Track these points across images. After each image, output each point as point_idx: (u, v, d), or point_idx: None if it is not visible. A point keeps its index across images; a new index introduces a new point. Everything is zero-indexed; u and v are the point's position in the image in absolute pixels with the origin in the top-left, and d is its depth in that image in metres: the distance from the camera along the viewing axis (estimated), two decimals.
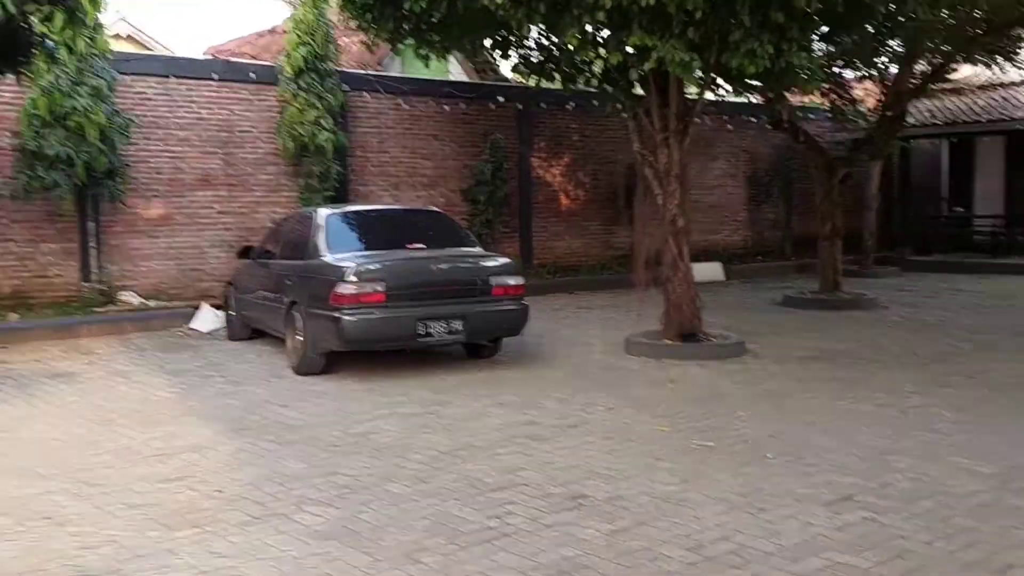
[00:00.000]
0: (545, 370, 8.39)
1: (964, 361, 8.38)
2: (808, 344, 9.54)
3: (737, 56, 7.27)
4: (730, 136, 18.32)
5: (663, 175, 8.82)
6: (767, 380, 7.72)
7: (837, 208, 12.70)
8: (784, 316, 11.86)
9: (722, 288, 15.26)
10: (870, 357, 8.69)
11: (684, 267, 8.96)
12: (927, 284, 15.53)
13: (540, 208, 15.90)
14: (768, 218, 18.98)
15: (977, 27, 12.45)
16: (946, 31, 11.74)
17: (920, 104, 16.30)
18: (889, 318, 11.43)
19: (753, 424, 6.19)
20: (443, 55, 10.02)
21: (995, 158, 19.39)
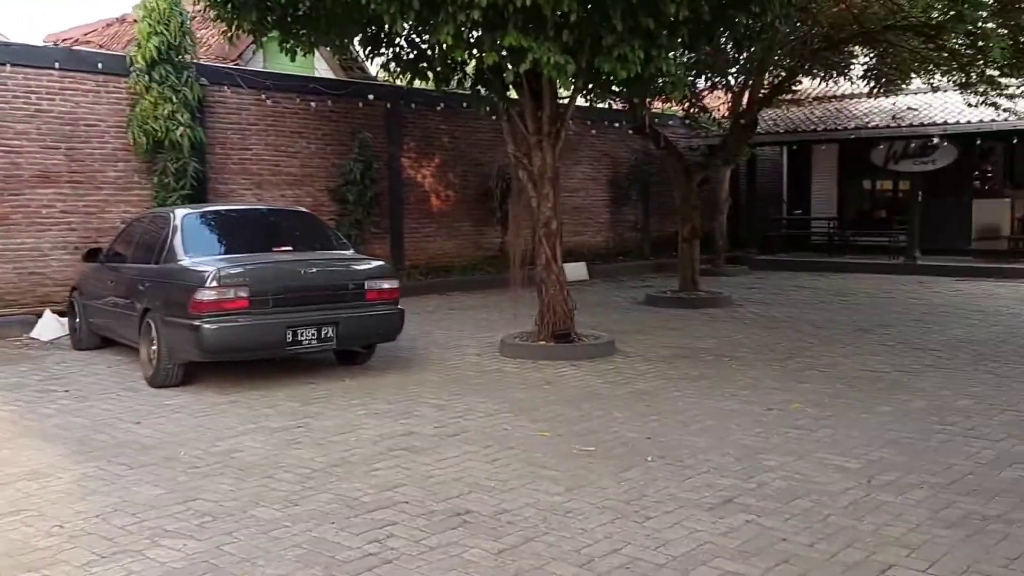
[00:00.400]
0: (420, 375, 8.27)
1: (815, 356, 8.84)
2: (673, 342, 9.83)
3: (609, 61, 7.37)
4: (593, 140, 18.71)
5: (537, 178, 8.86)
6: (638, 379, 7.88)
7: (695, 211, 13.16)
8: (648, 315, 12.18)
9: (587, 287, 15.55)
10: (731, 354, 9.03)
11: (557, 269, 9.05)
12: (773, 282, 16.36)
13: (411, 209, 15.74)
14: (628, 220, 19.50)
15: (819, 42, 13.21)
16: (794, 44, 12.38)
17: (765, 113, 17.11)
18: (744, 315, 11.94)
19: (630, 425, 6.30)
20: (310, 50, 9.69)
21: (829, 165, 20.69)
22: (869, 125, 17.20)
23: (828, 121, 18.28)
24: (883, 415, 6.40)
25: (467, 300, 14.01)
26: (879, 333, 10.16)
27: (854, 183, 20.74)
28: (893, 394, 7.05)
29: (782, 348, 9.37)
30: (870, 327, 10.65)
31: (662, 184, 20.11)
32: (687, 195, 12.97)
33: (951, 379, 7.57)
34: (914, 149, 16.94)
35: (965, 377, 7.63)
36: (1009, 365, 8.09)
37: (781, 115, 19.39)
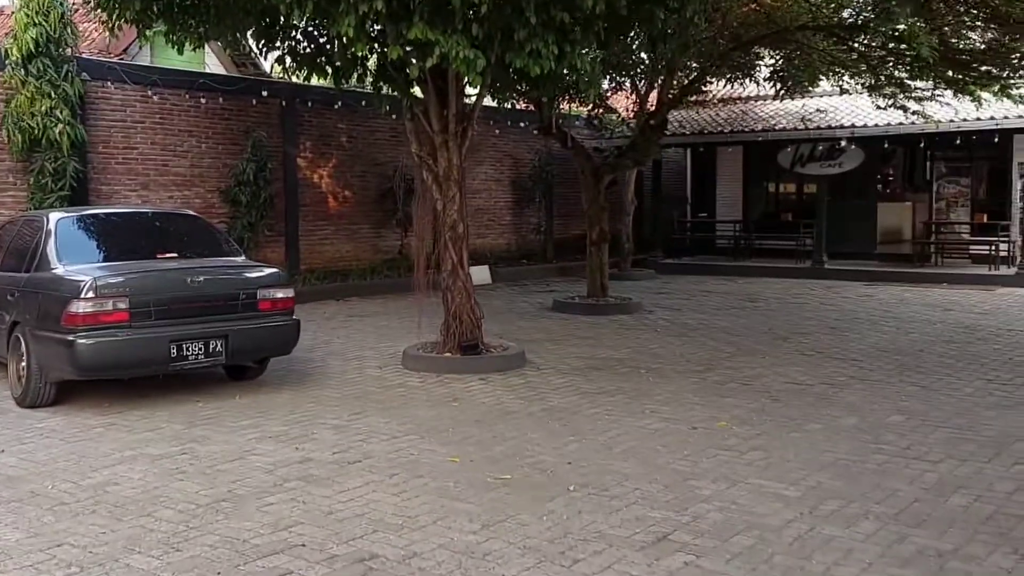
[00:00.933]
0: (318, 391, 7.60)
1: (733, 366, 8.54)
2: (585, 352, 9.42)
3: (521, 56, 6.88)
4: (495, 141, 18.24)
5: (442, 179, 8.30)
6: (552, 394, 7.41)
7: (604, 213, 12.83)
8: (556, 322, 11.76)
9: (491, 292, 15.04)
10: (647, 365, 8.66)
11: (464, 275, 8.51)
12: (681, 286, 16.21)
13: (307, 211, 14.96)
14: (531, 222, 19.11)
15: (729, 42, 13.07)
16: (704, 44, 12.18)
17: (670, 115, 16.94)
18: (656, 322, 11.64)
19: (548, 448, 5.81)
20: (199, 43, 8.89)
21: (734, 167, 20.75)
22: (776, 127, 17.26)
23: (735, 123, 18.28)
24: (814, 434, 6.08)
25: (366, 306, 13.33)
26: (796, 341, 9.98)
27: (759, 186, 20.89)
28: (821, 409, 6.77)
29: (699, 358, 9.05)
30: (786, 335, 10.47)
31: (565, 186, 19.85)
32: (595, 197, 12.62)
33: (878, 392, 7.34)
34: (821, 152, 17.07)
35: (892, 390, 7.42)
36: (933, 376, 7.93)
37: (687, 116, 19.32)
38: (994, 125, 14.84)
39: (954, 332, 10.45)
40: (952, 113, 14.39)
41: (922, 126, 15.13)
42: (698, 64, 13.31)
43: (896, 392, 7.34)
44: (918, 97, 13.88)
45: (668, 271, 18.56)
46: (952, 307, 12.72)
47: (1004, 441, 5.81)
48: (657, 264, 18.96)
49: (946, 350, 9.28)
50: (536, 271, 18.10)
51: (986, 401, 6.97)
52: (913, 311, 12.38)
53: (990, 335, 10.22)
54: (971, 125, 15.02)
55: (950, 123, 14.87)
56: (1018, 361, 8.62)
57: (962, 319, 11.50)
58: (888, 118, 15.76)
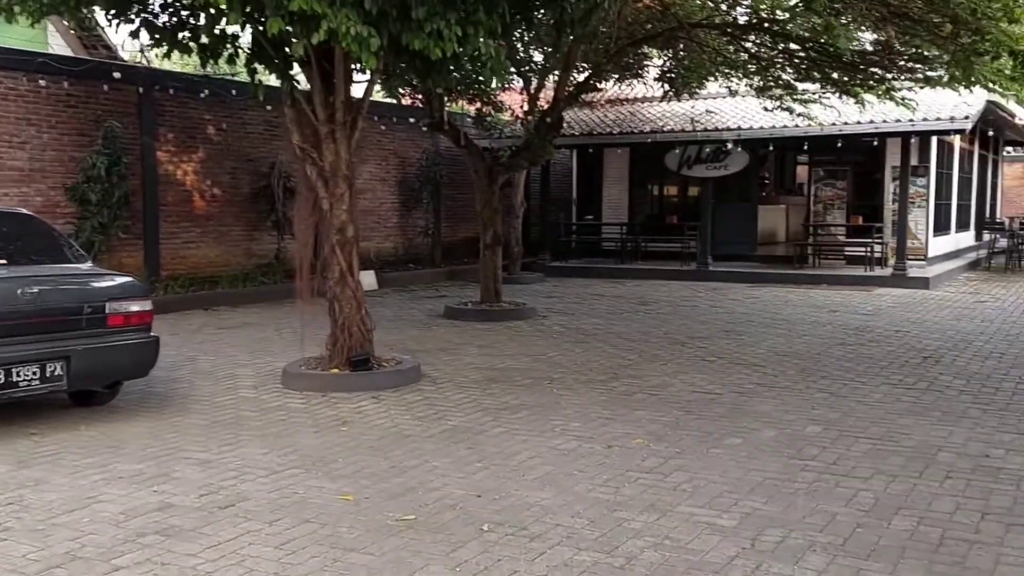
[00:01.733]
0: (181, 418, 6.67)
1: (637, 375, 8.09)
2: (483, 362, 8.79)
3: (421, 37, 6.18)
4: (380, 138, 17.41)
5: (329, 175, 7.49)
6: (453, 412, 6.74)
7: (498, 215, 12.25)
8: (450, 330, 11.08)
9: (378, 298, 14.22)
10: (549, 375, 8.10)
11: (354, 283, 7.72)
12: (571, 290, 15.82)
13: (170, 211, 13.69)
14: (419, 224, 18.36)
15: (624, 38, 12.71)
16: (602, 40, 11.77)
17: None
18: (551, 328, 11.13)
19: (454, 478, 5.14)
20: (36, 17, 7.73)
21: (620, 169, 20.56)
22: (664, 129, 17.09)
23: (623, 124, 18.04)
24: (736, 450, 5.64)
25: (239, 316, 12.29)
26: (696, 347, 9.63)
27: (645, 188, 20.79)
28: (736, 421, 6.35)
29: (602, 366, 8.56)
30: (684, 339, 10.13)
31: (454, 187, 19.22)
32: (489, 199, 12.02)
33: (788, 401, 7.00)
34: (708, 154, 17.01)
35: (801, 398, 7.09)
36: (838, 382, 7.67)
37: (575, 117, 18.95)
38: (873, 129, 15.07)
39: (845, 334, 10.35)
40: (835, 116, 14.48)
41: (806, 129, 15.23)
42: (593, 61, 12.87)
43: (806, 400, 7.01)
44: (804, 100, 13.91)
45: (556, 274, 18.18)
46: (837, 308, 12.74)
47: (927, 452, 5.52)
48: (545, 267, 18.55)
49: (843, 353, 9.12)
50: (424, 276, 17.37)
51: (896, 408, 6.72)
52: (801, 313, 12.31)
53: (880, 337, 10.15)
54: (852, 128, 15.20)
55: (832, 126, 14.97)
56: (913, 364, 8.49)
57: (849, 321, 11.47)
58: (773, 120, 15.81)
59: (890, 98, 12.66)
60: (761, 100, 14.52)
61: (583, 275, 18.08)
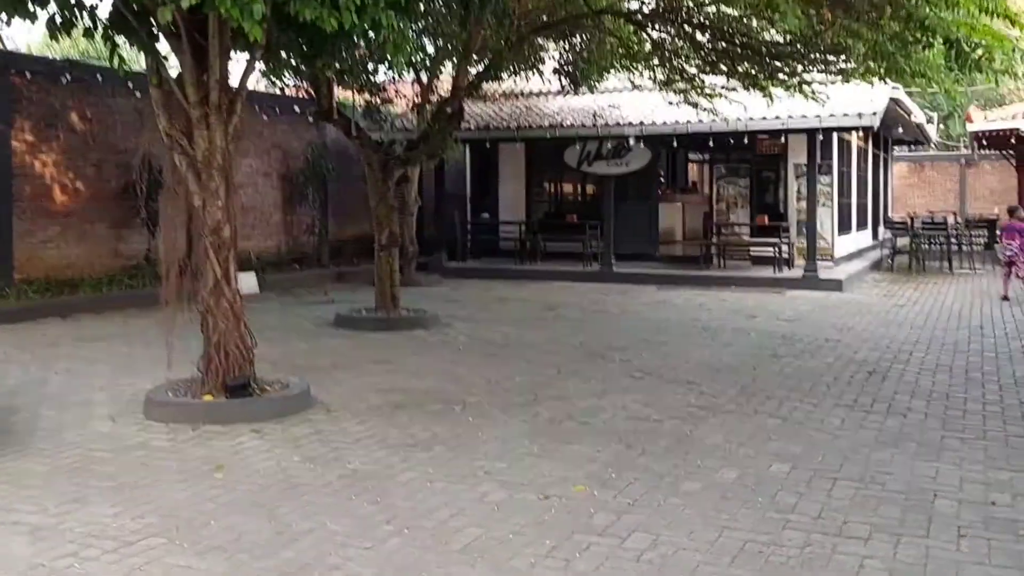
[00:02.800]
0: (15, 463, 5.38)
1: (561, 395, 7.20)
2: (384, 382, 7.72)
3: (312, 5, 5.08)
4: (261, 129, 16.01)
5: (202, 166, 6.28)
6: (352, 450, 5.68)
7: (394, 213, 11.18)
8: (343, 342, 9.93)
9: (259, 304, 12.89)
10: (461, 398, 7.11)
11: (231, 293, 6.53)
12: (471, 293, 14.86)
13: (25, 206, 12.17)
14: (304, 222, 17.02)
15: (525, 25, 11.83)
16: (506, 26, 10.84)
17: None
18: (457, 339, 10.13)
19: (357, 549, 4.10)
20: None
21: (517, 165, 19.68)
22: (564, 124, 16.28)
23: (520, 119, 17.14)
24: (697, 498, 4.78)
25: (102, 326, 10.79)
26: (617, 360, 8.81)
27: (544, 185, 20.00)
28: (687, 458, 5.51)
29: (519, 386, 7.62)
30: (603, 350, 9.30)
31: (342, 182, 17.97)
32: (385, 195, 10.92)
33: (739, 429, 6.21)
34: (609, 150, 16.31)
35: (752, 425, 6.32)
36: (786, 404, 6.94)
37: (468, 111, 17.76)
38: (780, 125, 14.66)
39: (774, 344, 9.75)
40: (741, 111, 13.98)
41: (710, 124, 14.68)
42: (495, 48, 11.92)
43: (758, 428, 6.25)
44: (709, 94, 13.35)
45: (453, 275, 17.17)
46: (755, 313, 12.21)
47: (922, 498, 4.76)
48: (442, 268, 17.52)
49: (780, 368, 8.47)
50: (311, 278, 16.04)
51: (863, 438, 6.00)
52: (719, 319, 11.70)
53: (812, 347, 9.59)
54: (759, 124, 14.75)
55: (738, 121, 14.46)
56: (860, 380, 7.89)
57: (772, 328, 10.92)
58: (676, 116, 15.25)
59: (801, 92, 12.20)
60: (665, 94, 13.87)
61: (482, 276, 17.13)
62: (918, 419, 6.47)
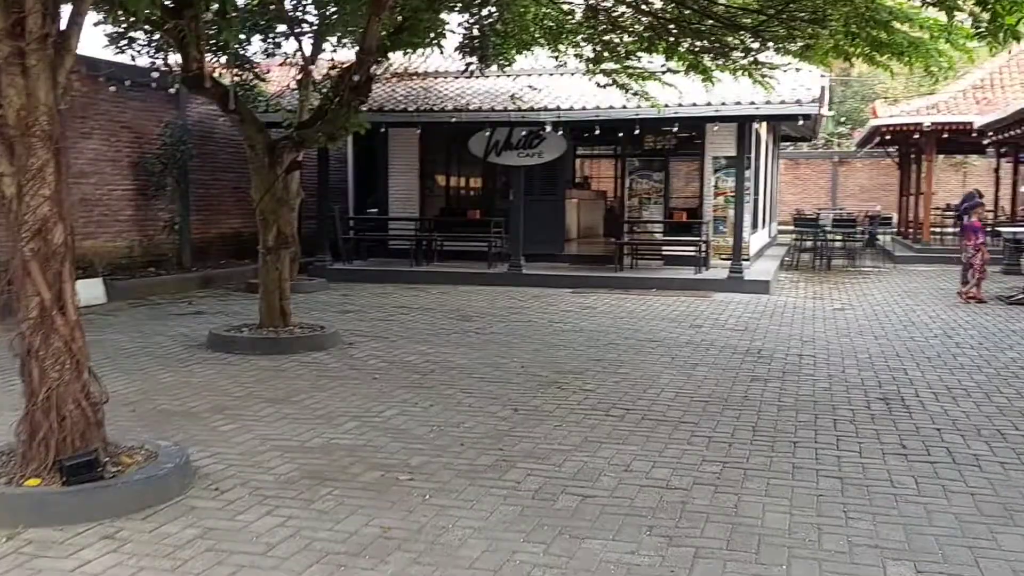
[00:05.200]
0: None
1: (535, 452, 5.44)
2: (288, 435, 5.72)
3: None
4: (109, 106, 13.40)
5: (15, 133, 4.11)
6: (258, 566, 3.71)
7: (284, 207, 9.06)
8: (222, 371, 7.78)
9: (107, 318, 10.53)
10: (400, 458, 5.23)
11: (68, 327, 4.37)
12: (366, 299, 12.87)
13: None
14: (161, 218, 14.48)
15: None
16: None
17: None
18: (367, 362, 8.17)
19: None
20: None
21: (409, 155, 17.66)
22: (470, 107, 14.43)
23: (417, 101, 15.18)
24: None
25: None
26: (577, 388, 7.08)
27: (441, 177, 18.08)
28: (760, 555, 3.83)
29: (473, 436, 5.77)
30: (553, 376, 7.57)
31: (207, 171, 15.57)
32: (272, 185, 8.79)
33: (796, 501, 4.58)
34: (521, 139, 14.58)
35: (807, 493, 4.69)
36: (821, 452, 5.40)
37: None
38: (713, 112, 13.31)
39: (744, 363, 8.28)
40: (674, 96, 12.55)
41: (636, 110, 13.20)
42: None
43: (818, 497, 4.65)
44: (641, 74, 11.82)
45: (341, 279, 15.07)
46: (698, 322, 10.78)
47: None
48: (326, 271, 15.37)
49: (773, 395, 6.96)
50: (170, 283, 13.58)
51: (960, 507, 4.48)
52: (661, 329, 10.19)
53: (788, 366, 8.18)
54: (693, 111, 13.35)
55: (666, 108, 12.98)
56: (877, 411, 6.47)
57: (727, 341, 9.48)
58: (598, 101, 13.71)
59: (750, 75, 10.86)
60: (590, 77, 12.25)
61: (374, 280, 15.12)
62: (997, 471, 5.03)
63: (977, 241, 12.72)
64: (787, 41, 9.80)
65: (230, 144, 16.02)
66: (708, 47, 10.56)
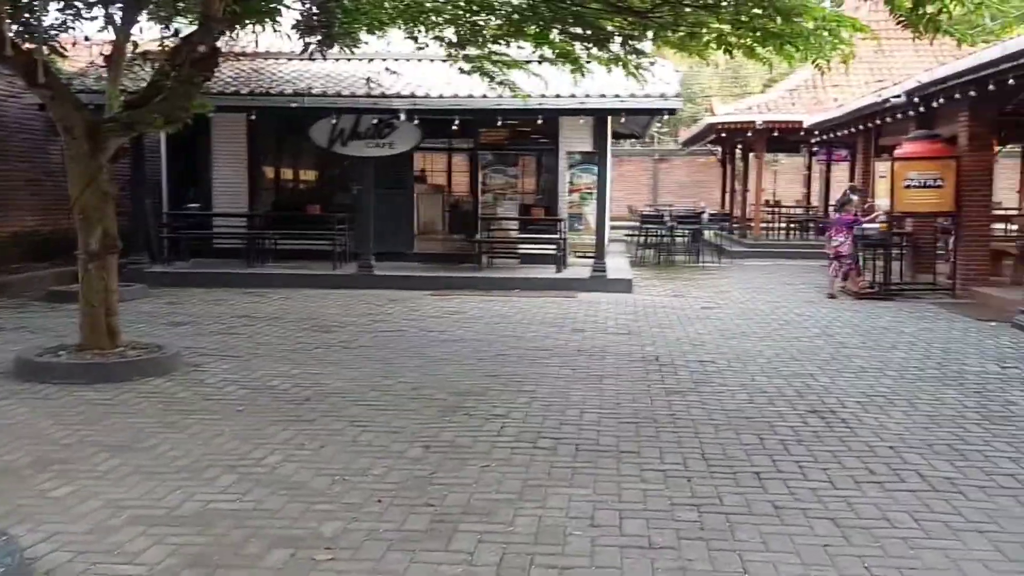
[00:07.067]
0: None
1: (469, 503, 4.48)
2: (146, 503, 4.46)
3: None
4: None
5: None
6: None
7: (109, 203, 7.51)
8: (38, 408, 6.23)
9: None
10: (309, 531, 4.13)
11: None
12: (197, 308, 11.32)
13: None
14: None
15: None
16: None
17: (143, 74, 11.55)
18: (222, 390, 6.85)
19: None
20: None
21: (237, 144, 15.98)
22: (314, 91, 13.05)
23: (250, 83, 13.62)
24: None
25: None
26: (488, 415, 6.12)
27: (273, 169, 16.49)
28: None
29: (393, 490, 4.70)
30: (453, 400, 6.57)
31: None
32: (94, 176, 7.24)
33: (806, 553, 3.88)
34: (369, 128, 13.36)
35: (811, 539, 4.00)
36: (790, 481, 4.74)
37: None
38: (579, 104, 12.67)
39: (651, 373, 7.65)
40: (540, 86, 11.79)
41: (497, 100, 12.33)
42: None
43: (820, 544, 3.96)
44: (507, 63, 10.99)
45: (162, 284, 13.33)
46: (578, 326, 10.12)
47: None
48: (145, 274, 13.53)
49: (700, 414, 6.28)
50: None
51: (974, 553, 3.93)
52: (543, 335, 9.44)
53: (694, 375, 7.60)
54: (556, 103, 12.67)
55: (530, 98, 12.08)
56: (817, 427, 5.94)
57: (616, 347, 8.86)
58: (457, 89, 12.78)
59: (624, 66, 10.27)
60: (452, 63, 11.28)
61: (201, 284, 13.47)
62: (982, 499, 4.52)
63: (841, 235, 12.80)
64: (672, 29, 9.25)
65: (23, 129, 13.86)
66: (584, 34, 9.88)
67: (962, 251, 12.48)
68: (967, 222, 12.39)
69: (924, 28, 6.49)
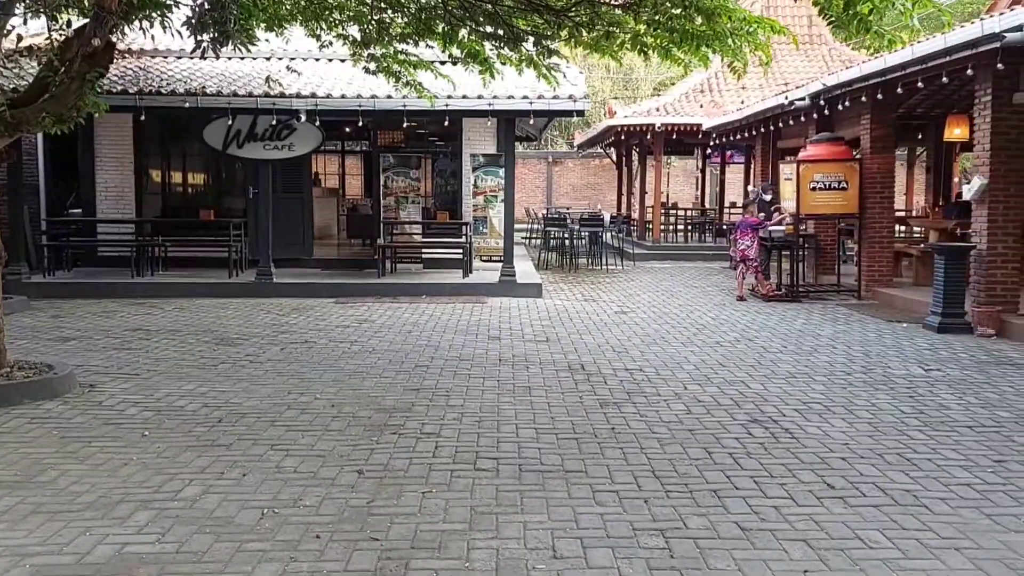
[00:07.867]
0: None
1: (409, 534, 4.13)
2: (50, 549, 3.94)
3: None
4: None
5: None
6: None
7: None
8: None
9: None
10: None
11: None
12: (87, 323, 10.52)
13: None
14: None
15: None
16: None
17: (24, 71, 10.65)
18: (123, 412, 6.25)
19: None
20: None
21: (121, 146, 15.06)
22: (207, 91, 12.32)
23: (137, 82, 12.76)
24: None
25: None
26: (419, 433, 5.76)
27: (161, 172, 15.58)
28: None
29: (331, 524, 4.30)
30: (378, 417, 6.18)
31: None
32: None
33: None
34: (267, 130, 12.73)
35: (788, 570, 3.83)
36: (752, 499, 4.57)
37: None
38: (487, 106, 12.38)
39: (576, 384, 7.44)
40: (446, 87, 11.46)
41: (403, 101, 11.97)
42: None
43: (800, 569, 3.80)
44: (413, 63, 10.62)
45: (43, 295, 12.44)
46: (493, 332, 9.86)
47: None
48: (24, 285, 12.53)
49: (640, 427, 6.11)
50: None
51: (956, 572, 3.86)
52: (459, 344, 9.11)
53: (623, 384, 7.44)
54: (463, 104, 12.35)
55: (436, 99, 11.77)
56: (764, 440, 5.83)
57: (538, 355, 8.64)
58: (360, 90, 12.32)
59: (536, 67, 10.05)
60: (355, 63, 10.83)
61: (86, 295, 12.61)
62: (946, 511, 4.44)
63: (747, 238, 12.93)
64: (587, 29, 9.07)
65: None
66: (495, 33, 9.61)
67: (866, 253, 12.80)
68: (870, 224, 12.72)
69: (856, 29, 6.49)
